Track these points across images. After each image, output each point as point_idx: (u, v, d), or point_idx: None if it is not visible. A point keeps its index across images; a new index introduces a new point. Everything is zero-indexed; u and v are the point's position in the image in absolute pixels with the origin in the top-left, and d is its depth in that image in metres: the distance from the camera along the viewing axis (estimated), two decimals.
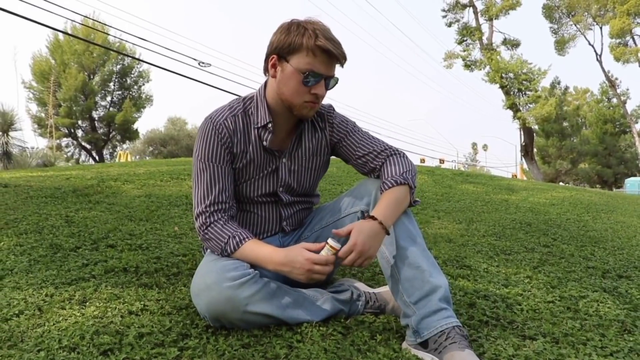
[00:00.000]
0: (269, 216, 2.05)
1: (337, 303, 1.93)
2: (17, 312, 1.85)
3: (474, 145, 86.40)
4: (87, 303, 1.98)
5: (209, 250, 1.92)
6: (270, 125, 1.90)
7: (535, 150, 36.11)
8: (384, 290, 2.05)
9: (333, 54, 1.79)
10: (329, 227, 2.02)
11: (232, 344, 1.66)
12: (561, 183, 41.47)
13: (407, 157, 1.99)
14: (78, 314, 1.85)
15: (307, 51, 1.78)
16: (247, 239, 1.82)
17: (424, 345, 1.65)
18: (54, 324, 1.76)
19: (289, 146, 1.98)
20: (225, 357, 1.57)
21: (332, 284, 2.17)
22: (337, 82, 1.90)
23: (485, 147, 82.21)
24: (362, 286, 2.12)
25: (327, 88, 1.87)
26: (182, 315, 1.88)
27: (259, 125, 1.90)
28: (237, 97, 2.03)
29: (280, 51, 1.82)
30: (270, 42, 1.87)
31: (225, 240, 1.82)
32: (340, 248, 1.69)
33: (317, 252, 1.72)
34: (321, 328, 1.81)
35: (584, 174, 44.48)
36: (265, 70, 1.92)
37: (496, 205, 5.55)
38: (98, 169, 6.85)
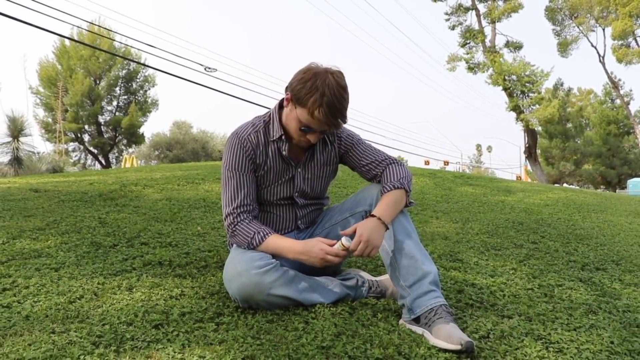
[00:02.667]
0: (286, 216, 2.42)
1: (345, 288, 2.30)
2: (78, 296, 2.22)
3: (479, 146, 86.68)
4: (134, 290, 2.35)
5: (235, 245, 2.28)
6: (283, 137, 2.27)
7: (538, 151, 36.42)
8: (385, 278, 2.42)
9: (331, 123, 2.13)
10: (337, 224, 2.39)
11: (259, 320, 2.03)
12: (565, 184, 41.72)
13: (404, 166, 2.36)
14: (128, 298, 2.22)
15: (308, 111, 2.11)
16: (270, 234, 2.19)
17: (416, 320, 2.03)
18: (110, 305, 2.13)
19: (303, 158, 2.35)
20: (254, 329, 1.94)
21: (341, 273, 2.53)
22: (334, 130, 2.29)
23: (489, 148, 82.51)
24: (366, 275, 2.49)
25: (322, 134, 2.25)
26: (215, 299, 2.25)
27: (274, 138, 2.27)
28: (257, 116, 2.40)
29: (292, 95, 2.16)
30: (291, 80, 2.19)
31: (252, 235, 2.18)
32: (349, 246, 2.06)
33: (331, 246, 2.10)
34: (332, 308, 2.18)
35: (588, 175, 44.72)
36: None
37: (492, 206, 5.90)
38: (116, 174, 7.22)
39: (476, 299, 2.45)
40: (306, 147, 2.31)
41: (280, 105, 2.33)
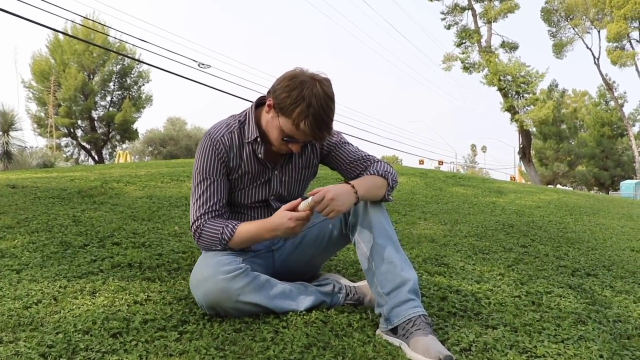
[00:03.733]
0: (260, 217, 2.28)
1: (320, 295, 2.17)
2: (35, 301, 2.08)
3: (473, 147, 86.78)
4: (97, 294, 2.21)
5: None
6: (259, 139, 2.13)
7: (532, 152, 36.37)
8: (363, 284, 2.29)
9: (315, 136, 1.98)
10: (315, 226, 2.26)
11: (225, 329, 1.90)
12: (558, 185, 41.75)
13: (390, 165, 2.22)
14: (89, 303, 2.09)
15: (293, 122, 1.95)
16: (238, 224, 2.07)
17: (394, 331, 1.90)
18: (68, 311, 2.00)
19: (280, 160, 2.21)
20: (219, 339, 1.81)
21: (318, 278, 2.40)
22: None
23: (484, 148, 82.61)
24: (344, 280, 2.36)
25: (305, 144, 2.14)
26: (182, 305, 2.12)
27: (250, 140, 2.13)
28: (233, 115, 2.26)
29: (276, 103, 1.99)
30: (276, 82, 2.02)
31: (220, 231, 2.05)
32: (313, 205, 1.93)
33: (296, 209, 1.98)
34: (305, 316, 2.05)
35: (581, 176, 44.76)
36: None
37: (483, 207, 5.78)
38: (100, 171, 7.08)
39: (460, 307, 2.32)
40: (285, 153, 2.17)
41: (257, 105, 2.19)
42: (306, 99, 1.90)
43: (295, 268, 2.34)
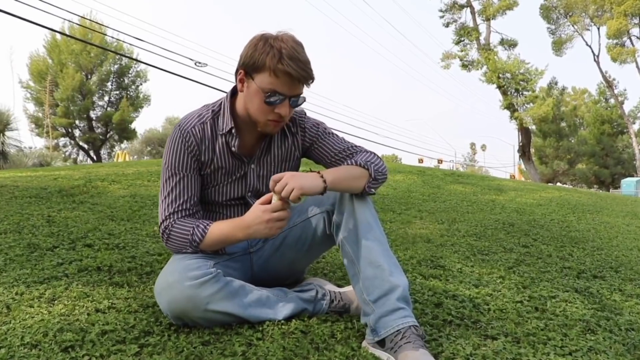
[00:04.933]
0: (236, 216, 2.06)
1: (301, 302, 1.96)
2: None
3: (473, 145, 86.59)
4: (56, 301, 2.00)
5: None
6: (234, 130, 1.92)
7: (532, 150, 36.11)
8: (350, 289, 2.08)
9: (296, 77, 1.77)
10: (296, 226, 2.04)
11: (192, 342, 1.69)
12: (558, 183, 41.54)
13: (377, 156, 2.00)
14: (45, 312, 1.88)
15: (270, 71, 1.76)
16: (210, 224, 1.86)
17: (381, 344, 1.68)
18: (19, 322, 1.78)
19: (257, 152, 2.00)
20: (183, 354, 1.60)
21: (300, 283, 2.19)
22: (304, 100, 1.90)
23: (483, 147, 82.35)
24: (328, 286, 2.15)
25: (292, 106, 1.88)
26: (148, 314, 1.91)
27: (224, 131, 1.92)
28: (206, 104, 2.04)
29: (246, 67, 1.82)
30: (240, 55, 1.86)
31: (191, 231, 1.84)
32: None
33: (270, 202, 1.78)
34: (283, 326, 1.84)
35: (582, 174, 44.50)
36: (236, 81, 1.92)
37: (482, 205, 5.57)
38: (88, 169, 6.87)
39: (456, 314, 2.11)
40: (272, 131, 1.91)
41: (232, 94, 1.98)
42: (275, 45, 1.76)
43: (276, 272, 2.13)
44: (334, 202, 1.94)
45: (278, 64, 1.74)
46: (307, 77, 1.80)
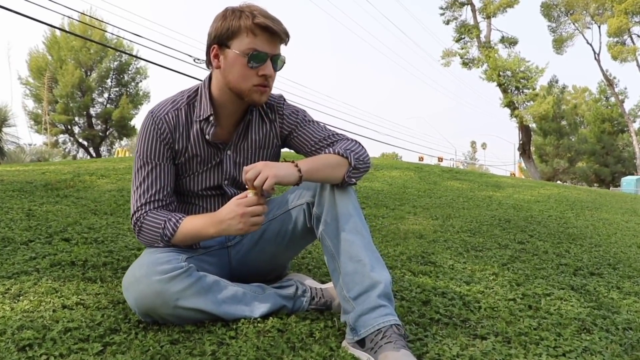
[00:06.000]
0: (213, 208, 1.95)
1: (280, 298, 1.85)
2: None
3: (473, 143, 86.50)
4: (21, 297, 1.90)
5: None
6: (212, 118, 1.81)
7: (532, 149, 35.99)
8: (332, 286, 1.97)
9: (274, 30, 1.72)
10: (276, 219, 1.94)
11: (159, 340, 1.58)
12: (558, 182, 41.40)
13: (359, 143, 1.89)
14: (7, 308, 1.78)
15: (247, 32, 1.70)
16: (183, 218, 1.76)
17: (361, 343, 1.57)
18: None
19: (234, 138, 1.90)
20: (149, 353, 1.49)
21: (281, 279, 2.09)
22: (284, 62, 1.82)
23: (483, 145, 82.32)
24: (310, 282, 2.04)
25: (275, 69, 1.79)
26: (117, 310, 1.80)
27: (201, 117, 1.82)
28: (181, 90, 1.94)
29: (219, 39, 1.74)
30: (208, 34, 1.79)
31: (162, 225, 1.74)
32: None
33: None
34: (259, 324, 1.73)
35: (582, 172, 44.37)
36: (208, 63, 1.84)
37: (478, 201, 5.46)
38: (79, 164, 6.76)
39: (444, 312, 2.00)
40: (259, 100, 1.79)
41: (210, 79, 1.88)
42: (244, 10, 1.72)
43: (256, 267, 2.02)
44: (314, 193, 1.83)
45: (254, 20, 1.69)
46: (283, 31, 1.75)
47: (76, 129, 36.29)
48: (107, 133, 36.91)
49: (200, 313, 1.68)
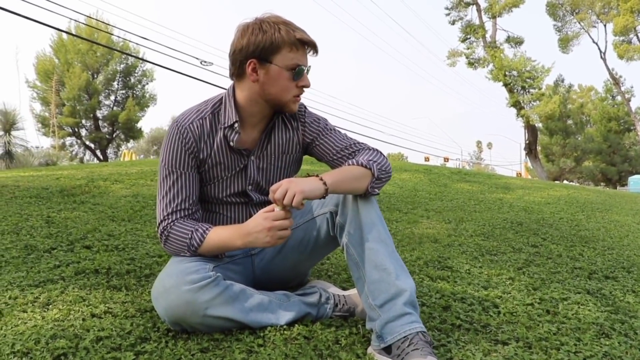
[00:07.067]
0: (237, 217, 1.99)
1: (304, 306, 1.89)
2: None
3: (479, 143, 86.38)
4: (50, 306, 1.94)
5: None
6: (236, 125, 1.85)
7: (539, 148, 35.95)
8: (355, 292, 2.00)
9: (312, 44, 1.80)
10: (299, 227, 1.97)
11: (190, 348, 1.62)
12: (565, 181, 41.30)
13: (381, 153, 1.93)
14: (38, 317, 1.82)
15: (289, 47, 1.75)
16: (210, 228, 1.80)
17: (387, 350, 1.61)
18: (11, 328, 1.72)
19: (257, 145, 1.93)
20: None
21: (303, 287, 2.12)
22: (309, 69, 1.88)
23: (489, 145, 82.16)
24: (332, 289, 2.08)
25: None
26: (145, 319, 1.84)
27: (226, 125, 1.85)
28: (205, 100, 1.98)
29: (259, 54, 1.76)
30: (240, 46, 1.78)
31: (189, 235, 1.78)
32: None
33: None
34: (285, 332, 1.76)
35: (588, 172, 44.24)
36: (236, 75, 1.86)
37: (489, 204, 5.48)
38: (91, 169, 6.81)
39: (465, 318, 2.03)
40: (294, 109, 1.88)
41: (234, 88, 1.91)
42: (277, 23, 1.77)
43: (279, 275, 2.06)
44: (337, 202, 1.86)
45: (296, 35, 1.75)
46: (316, 44, 1.83)
47: (83, 132, 36.44)
48: (114, 135, 37.03)
49: (228, 321, 1.72)
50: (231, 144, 1.86)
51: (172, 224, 1.81)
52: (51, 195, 4.21)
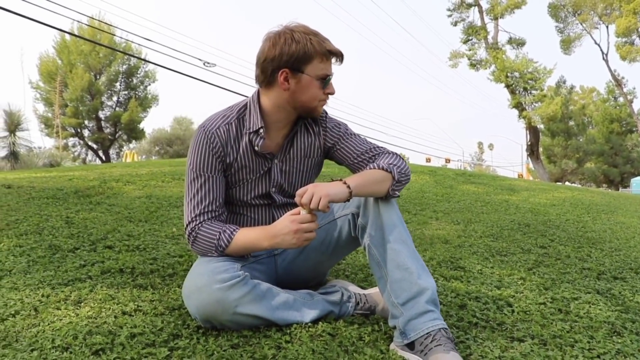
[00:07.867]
0: (261, 219, 2.07)
1: (327, 304, 1.96)
2: (13, 312, 1.89)
3: (480, 144, 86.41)
4: (82, 304, 2.01)
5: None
6: (261, 130, 1.92)
7: (541, 149, 35.97)
8: (375, 291, 2.08)
9: (341, 55, 1.90)
10: (321, 228, 2.04)
11: (221, 345, 1.69)
12: (567, 183, 41.34)
13: (399, 157, 2.00)
14: (72, 314, 1.89)
15: (320, 57, 1.84)
16: (237, 230, 1.88)
17: (410, 346, 1.68)
18: (48, 324, 1.79)
19: (281, 149, 2.01)
20: (214, 357, 1.60)
21: (324, 285, 2.19)
22: None
23: (491, 146, 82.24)
24: (353, 287, 2.15)
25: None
26: (174, 316, 1.91)
27: (251, 130, 1.93)
28: (230, 106, 2.05)
29: (292, 64, 1.83)
30: (272, 55, 1.84)
31: (217, 236, 1.85)
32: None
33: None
34: (310, 329, 1.84)
35: (590, 173, 44.29)
36: (265, 83, 1.92)
37: (496, 205, 5.55)
38: (101, 170, 6.89)
39: (481, 316, 2.10)
40: (320, 112, 1.99)
41: (259, 95, 1.98)
42: (304, 34, 1.85)
43: (300, 274, 2.13)
44: (358, 204, 1.94)
45: (325, 47, 1.84)
46: (343, 53, 1.93)
47: (86, 132, 36.51)
48: (116, 136, 37.11)
49: (256, 319, 1.79)
50: (256, 148, 1.94)
51: (199, 225, 1.89)
52: (67, 196, 4.29)
